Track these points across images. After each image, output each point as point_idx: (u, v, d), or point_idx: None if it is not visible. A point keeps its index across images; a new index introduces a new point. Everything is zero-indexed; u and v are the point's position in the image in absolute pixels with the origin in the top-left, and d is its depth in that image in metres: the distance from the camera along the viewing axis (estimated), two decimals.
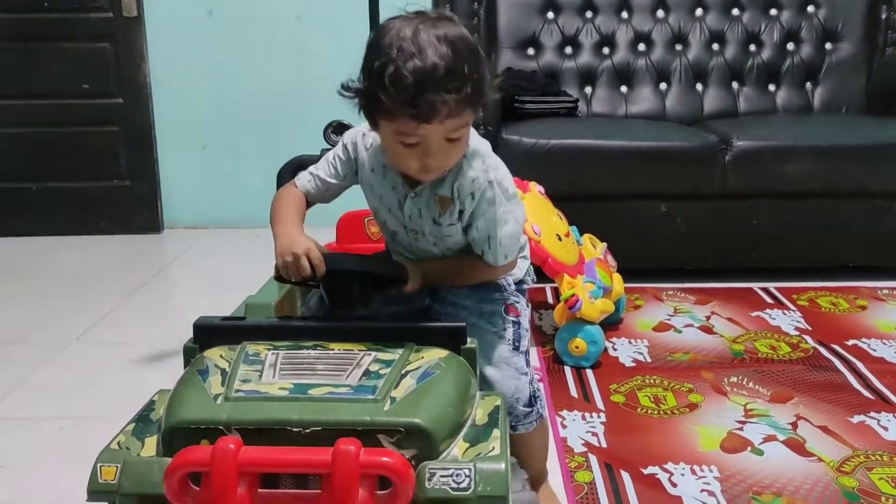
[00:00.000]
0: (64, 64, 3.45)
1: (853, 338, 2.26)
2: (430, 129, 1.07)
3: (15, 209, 3.56)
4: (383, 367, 0.97)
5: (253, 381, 0.94)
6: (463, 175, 1.18)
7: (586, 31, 3.30)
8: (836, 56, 3.29)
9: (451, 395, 0.95)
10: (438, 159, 1.11)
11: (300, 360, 0.99)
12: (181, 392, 0.96)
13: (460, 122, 1.09)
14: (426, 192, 1.20)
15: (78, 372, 2.13)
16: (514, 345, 1.28)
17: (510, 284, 1.31)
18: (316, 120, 2.24)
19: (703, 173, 2.67)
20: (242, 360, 0.99)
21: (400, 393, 0.92)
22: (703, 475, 1.56)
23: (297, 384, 0.93)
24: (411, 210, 1.22)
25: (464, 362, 1.04)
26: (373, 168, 1.25)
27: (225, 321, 1.11)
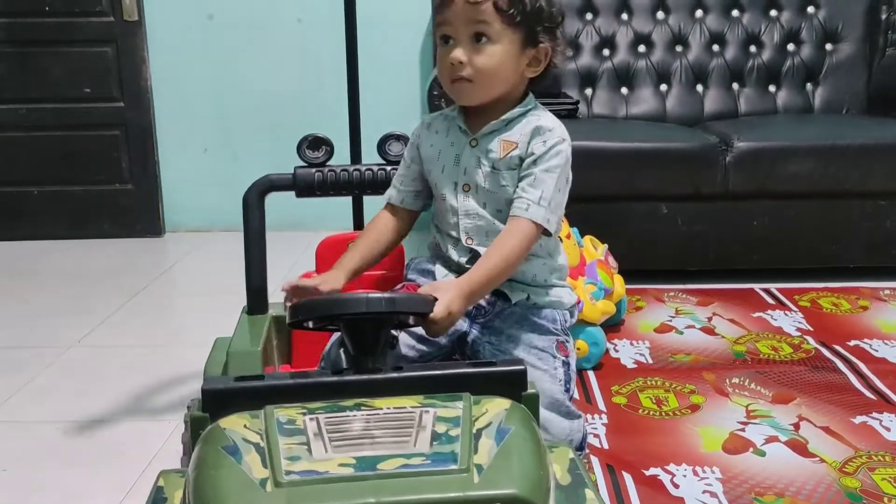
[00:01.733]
0: (65, 68, 3.46)
1: (855, 338, 2.25)
2: (453, 13, 1.17)
3: (17, 213, 3.56)
4: (451, 426, 0.83)
5: (303, 457, 0.78)
6: (539, 121, 1.23)
7: (586, 32, 3.31)
8: (836, 57, 3.29)
9: (536, 454, 0.83)
10: (462, 52, 1.18)
11: (349, 426, 0.83)
12: (214, 479, 0.77)
13: (481, 14, 1.16)
14: (489, 138, 1.24)
15: (79, 375, 2.13)
16: (565, 386, 1.22)
17: (566, 319, 1.28)
18: (317, 123, 2.25)
19: (704, 174, 2.67)
20: (278, 430, 0.83)
21: (483, 458, 0.79)
22: (706, 476, 1.56)
23: (360, 458, 0.78)
24: (469, 160, 1.25)
25: (528, 412, 0.91)
26: (437, 129, 1.31)
27: (240, 382, 0.93)
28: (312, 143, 1.56)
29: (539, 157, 1.22)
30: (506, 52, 1.19)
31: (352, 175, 1.56)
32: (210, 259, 3.30)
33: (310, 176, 1.55)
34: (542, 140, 1.22)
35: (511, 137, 1.23)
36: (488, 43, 1.18)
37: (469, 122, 1.27)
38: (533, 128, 1.23)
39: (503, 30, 1.17)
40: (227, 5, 3.49)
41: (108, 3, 3.43)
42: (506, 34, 1.18)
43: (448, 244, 1.30)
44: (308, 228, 3.29)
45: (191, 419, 0.92)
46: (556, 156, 1.23)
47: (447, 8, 1.18)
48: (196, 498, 0.76)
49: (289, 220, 3.09)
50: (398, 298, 1.00)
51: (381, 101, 2.97)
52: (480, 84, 1.20)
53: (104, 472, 1.64)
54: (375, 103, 2.59)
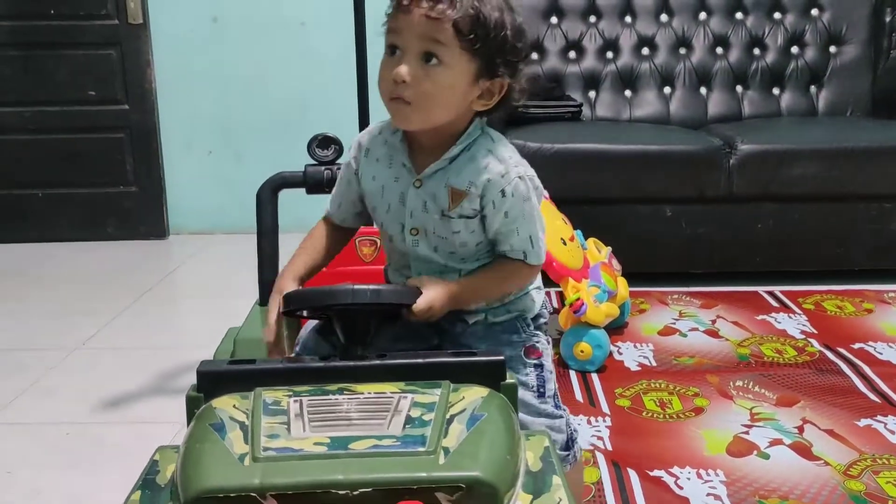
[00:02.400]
0: (70, 71, 3.47)
1: (859, 341, 2.25)
2: (406, 23, 1.03)
3: (22, 215, 3.58)
4: (425, 411, 0.86)
5: (282, 436, 0.82)
6: (489, 170, 1.10)
7: (590, 35, 3.31)
8: (840, 59, 3.29)
9: (505, 440, 0.85)
10: (409, 70, 1.04)
11: (329, 408, 0.87)
12: (198, 453, 0.82)
13: (437, 32, 1.03)
14: (434, 181, 1.11)
15: (84, 377, 2.14)
16: (538, 391, 1.19)
17: (528, 324, 1.21)
18: (321, 124, 2.25)
19: (708, 177, 2.67)
20: (263, 410, 0.87)
21: (452, 442, 0.82)
22: (709, 479, 1.56)
23: (335, 437, 0.82)
24: (415, 203, 1.12)
25: (506, 401, 0.93)
26: (377, 157, 1.17)
27: (233, 365, 0.98)
28: (322, 142, 1.61)
29: (509, 210, 1.10)
30: (456, 80, 1.06)
31: None
32: (214, 261, 3.30)
33: (319, 173, 1.61)
34: (500, 191, 1.10)
35: (459, 185, 1.10)
36: (438, 65, 1.04)
37: (412, 154, 1.14)
38: (486, 179, 1.10)
39: (458, 55, 1.04)
40: (231, 8, 3.50)
41: (113, 6, 3.44)
42: (460, 60, 1.05)
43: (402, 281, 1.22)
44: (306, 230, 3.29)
45: (187, 398, 0.97)
46: (525, 199, 1.12)
47: (401, 16, 1.05)
48: (181, 470, 0.81)
49: (296, 221, 3.08)
50: (383, 290, 1.04)
51: None
52: (419, 109, 1.06)
53: (108, 474, 1.65)
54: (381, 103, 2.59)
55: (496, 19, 1.05)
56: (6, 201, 3.56)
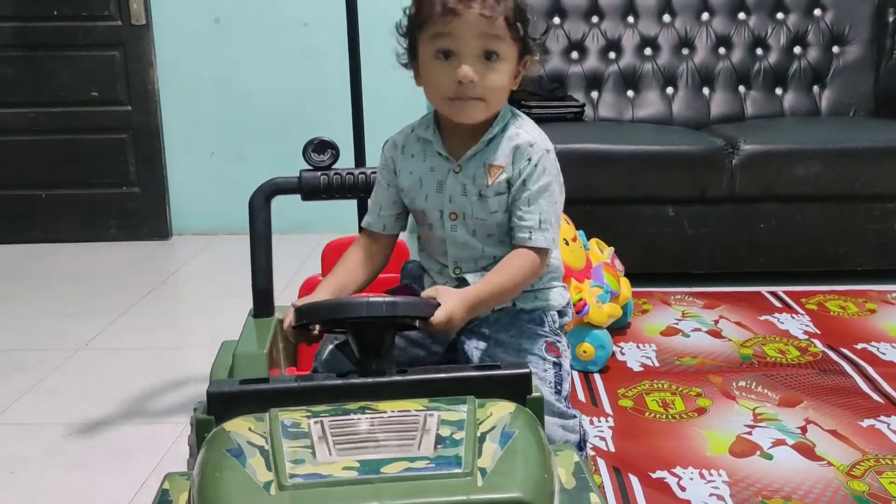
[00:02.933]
0: (73, 72, 3.48)
1: (862, 341, 2.25)
2: (462, 26, 1.08)
3: (24, 216, 3.58)
4: (455, 429, 0.83)
5: (307, 461, 0.78)
6: (518, 137, 1.16)
7: (592, 35, 3.30)
8: (843, 59, 3.28)
9: (540, 458, 0.82)
10: (473, 70, 1.10)
11: (353, 429, 0.83)
12: (218, 481, 0.77)
13: (494, 29, 1.09)
14: (473, 163, 1.17)
15: (87, 378, 2.14)
16: (555, 388, 1.19)
17: (554, 320, 1.23)
18: (324, 126, 2.24)
19: (711, 177, 2.67)
20: (282, 433, 0.83)
21: (487, 462, 0.79)
22: (712, 479, 1.56)
23: (364, 461, 0.78)
24: (454, 188, 1.18)
25: (533, 416, 0.91)
26: (412, 153, 1.22)
27: (245, 385, 0.93)
28: (318, 146, 1.55)
29: (528, 178, 1.15)
30: (511, 68, 1.14)
31: (357, 178, 1.56)
32: (217, 262, 3.31)
33: (315, 179, 1.55)
34: (527, 158, 1.16)
35: (497, 161, 1.16)
36: (498, 60, 1.12)
37: (448, 144, 1.19)
38: (514, 146, 1.16)
39: (510, 45, 1.12)
40: (234, 9, 3.50)
41: (116, 8, 3.44)
42: (511, 49, 1.13)
43: (433, 269, 1.25)
44: (313, 231, 3.29)
45: (196, 422, 0.92)
46: (545, 172, 1.16)
47: (453, 19, 1.08)
48: (200, 500, 0.76)
49: (294, 223, 3.09)
50: (400, 302, 1.00)
51: (385, 103, 2.97)
52: (489, 103, 1.14)
53: (111, 475, 1.65)
54: (380, 106, 2.59)
55: (525, 4, 1.14)
56: (9, 202, 3.56)
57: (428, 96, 1.17)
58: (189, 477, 0.85)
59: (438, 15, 1.09)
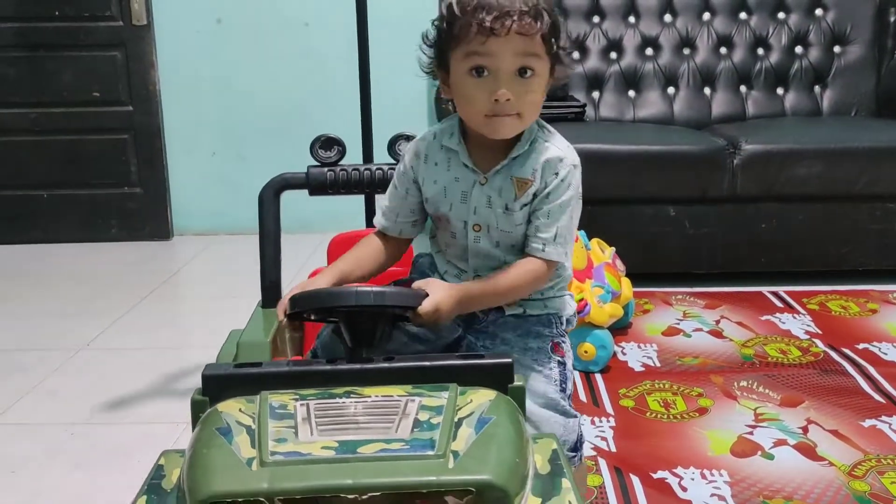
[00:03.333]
0: (74, 72, 3.48)
1: (864, 341, 2.24)
2: (500, 45, 1.06)
3: (26, 216, 3.58)
4: (433, 414, 0.86)
5: (289, 440, 0.82)
6: (548, 151, 1.15)
7: (593, 35, 3.30)
8: (844, 59, 3.28)
9: (514, 443, 0.85)
10: (510, 89, 1.08)
11: (336, 412, 0.87)
12: (205, 457, 0.81)
13: (532, 46, 1.08)
14: (500, 176, 1.15)
15: (88, 378, 2.14)
16: (560, 386, 1.19)
17: (560, 322, 1.24)
18: (326, 126, 2.25)
19: (712, 177, 2.66)
20: (269, 414, 0.87)
21: (461, 445, 0.81)
22: (714, 479, 1.56)
23: (343, 441, 0.81)
24: (479, 200, 1.17)
25: (513, 404, 0.93)
26: (436, 161, 1.20)
27: (239, 369, 0.97)
28: (325, 143, 1.58)
29: (553, 191, 1.15)
30: (544, 83, 1.13)
31: (363, 174, 1.59)
32: (218, 262, 3.31)
33: (322, 175, 1.58)
34: (555, 172, 1.15)
35: (525, 174, 1.15)
36: (533, 76, 1.10)
37: (474, 155, 1.18)
38: (545, 160, 1.15)
39: (545, 61, 1.11)
40: (235, 9, 3.50)
41: (117, 8, 3.44)
42: (545, 65, 1.11)
43: (451, 273, 1.25)
44: (317, 230, 3.29)
45: (192, 402, 0.95)
46: (569, 187, 1.16)
47: (490, 38, 1.06)
48: (188, 475, 0.80)
49: (298, 222, 3.09)
50: (387, 293, 1.03)
51: (390, 101, 2.97)
52: (525, 119, 1.13)
53: (111, 475, 1.65)
54: (384, 103, 2.59)
55: (556, 18, 1.12)
56: (11, 202, 3.56)
57: (461, 112, 1.16)
58: (182, 454, 0.88)
59: (474, 34, 1.07)
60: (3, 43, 3.45)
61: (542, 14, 1.08)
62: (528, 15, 1.07)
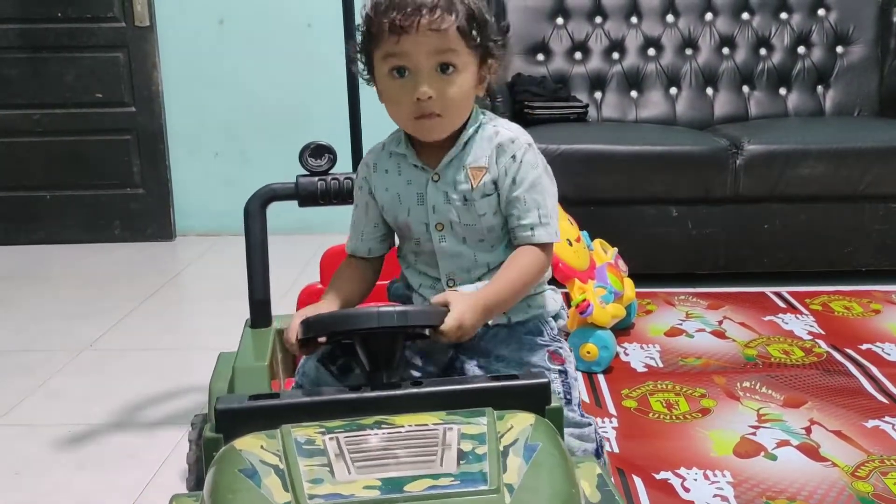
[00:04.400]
0: (77, 73, 3.48)
1: (867, 342, 2.24)
2: (413, 43, 1.04)
3: (29, 217, 3.59)
4: (476, 443, 0.81)
5: (326, 480, 0.75)
6: (498, 136, 1.13)
7: (596, 36, 3.30)
8: (847, 59, 3.28)
9: (565, 472, 0.80)
10: (431, 88, 1.06)
11: (371, 446, 0.81)
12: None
13: (447, 42, 1.05)
14: (452, 168, 1.13)
15: (91, 379, 2.14)
16: (565, 398, 1.14)
17: (553, 328, 1.19)
18: (327, 127, 2.24)
19: (714, 177, 2.66)
20: (297, 451, 0.80)
21: (513, 478, 0.76)
22: (717, 480, 1.56)
23: (386, 479, 0.75)
24: (435, 197, 1.14)
25: (553, 427, 0.88)
26: (386, 168, 1.18)
27: (255, 401, 0.90)
28: (315, 151, 1.51)
29: (516, 175, 1.12)
30: (470, 78, 1.10)
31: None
32: (221, 263, 3.31)
33: (312, 185, 1.51)
34: (511, 155, 1.12)
35: (479, 162, 1.13)
36: (455, 72, 1.07)
37: (420, 155, 1.16)
38: (495, 145, 1.13)
39: (467, 55, 1.08)
40: (238, 10, 3.50)
41: (120, 9, 3.45)
42: (469, 59, 1.08)
43: (425, 285, 1.19)
44: (314, 232, 3.30)
45: (204, 441, 0.90)
46: (533, 167, 1.13)
47: (402, 36, 1.04)
48: None
49: (294, 224, 3.09)
50: (410, 312, 0.98)
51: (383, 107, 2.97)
52: (450, 117, 1.10)
53: (115, 477, 1.65)
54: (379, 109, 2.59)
55: (481, 7, 1.09)
56: (14, 203, 3.57)
57: (391, 116, 1.14)
58: (197, 498, 0.82)
59: (387, 34, 1.05)
60: (5, 44, 3.46)
61: (455, 6, 1.05)
62: (439, 8, 1.04)
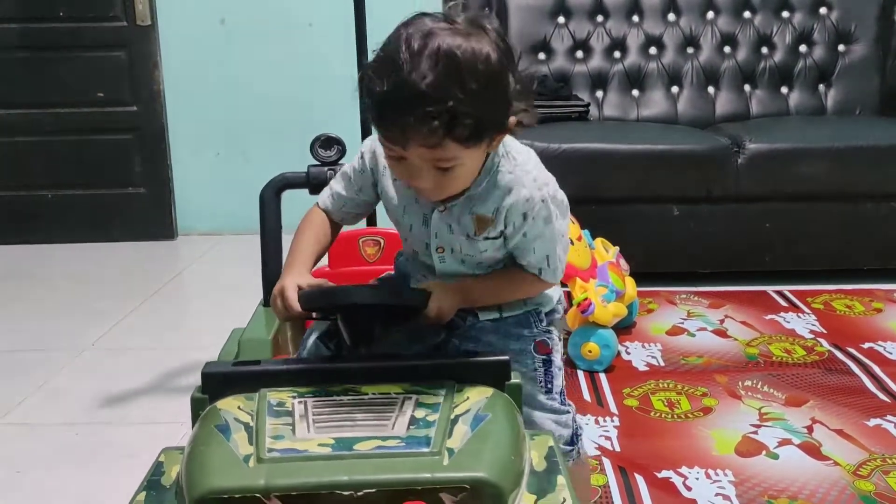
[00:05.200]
0: (78, 72, 3.49)
1: (869, 341, 2.24)
2: (409, 151, 0.97)
3: (30, 217, 3.59)
4: (430, 412, 0.87)
5: (286, 437, 0.83)
6: (512, 195, 1.06)
7: (597, 34, 3.30)
8: (848, 58, 3.27)
9: (510, 440, 0.85)
10: (427, 185, 1.01)
11: (334, 409, 0.88)
12: (203, 454, 0.82)
13: (445, 153, 0.96)
14: (458, 208, 1.09)
15: (93, 378, 2.15)
16: (545, 387, 1.18)
17: (542, 319, 1.20)
18: (329, 126, 2.24)
19: (716, 176, 2.66)
20: (267, 411, 0.87)
21: (456, 443, 0.82)
22: (718, 479, 1.56)
23: (339, 438, 0.82)
24: (439, 226, 1.11)
25: (510, 401, 0.94)
26: (395, 177, 1.13)
27: (238, 367, 0.98)
28: (325, 142, 1.59)
29: (528, 230, 1.08)
30: (469, 164, 1.01)
31: None
32: (222, 262, 3.31)
33: (322, 174, 1.58)
34: (522, 214, 1.07)
35: (485, 211, 1.07)
36: (456, 168, 0.99)
37: None
38: (509, 203, 1.06)
39: (468, 151, 0.98)
40: (239, 10, 3.50)
41: (121, 8, 3.45)
42: (472, 152, 0.99)
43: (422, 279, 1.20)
44: None
45: (191, 400, 0.98)
46: (546, 222, 1.09)
47: (398, 142, 0.96)
48: (186, 472, 0.82)
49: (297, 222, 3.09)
50: (392, 291, 1.06)
51: None
52: (447, 195, 1.06)
53: (116, 475, 1.65)
54: None
55: (490, 97, 0.95)
56: (16, 202, 3.58)
57: None
58: (183, 451, 0.89)
59: (383, 128, 0.97)
60: (7, 44, 3.46)
61: (457, 114, 0.92)
62: (433, 119, 0.91)
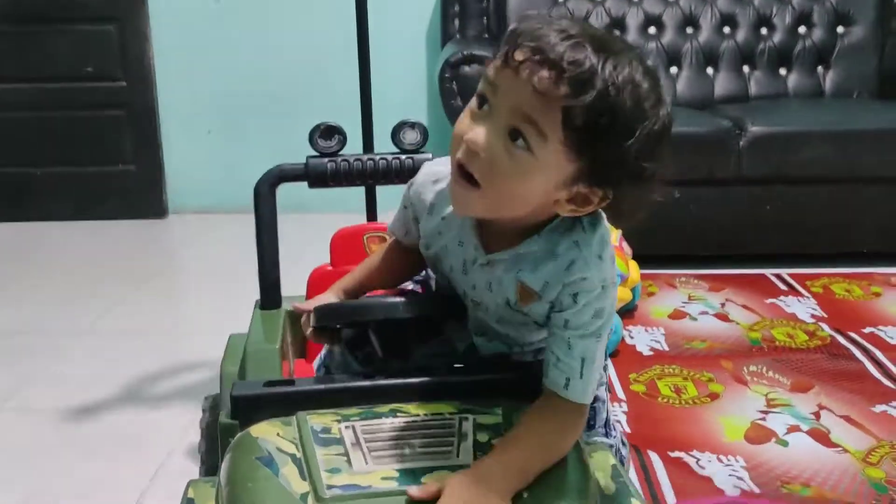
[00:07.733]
0: (67, 46, 3.40)
1: (869, 325, 2.24)
2: (507, 81, 0.80)
3: (19, 194, 3.52)
4: (492, 435, 0.80)
5: (343, 470, 0.75)
6: (571, 269, 0.89)
7: (596, 14, 3.27)
8: (847, 40, 3.26)
9: (581, 466, 0.80)
10: (487, 140, 0.82)
11: (387, 435, 0.80)
12: (252, 492, 0.74)
13: (538, 109, 0.79)
14: (503, 266, 0.93)
15: (93, 362, 2.11)
16: (588, 423, 1.01)
17: None
18: (323, 105, 2.21)
19: (717, 159, 2.65)
20: (314, 440, 0.79)
21: None
22: (731, 464, 1.56)
23: (403, 470, 0.75)
24: (479, 279, 0.96)
25: None
26: (443, 215, 0.99)
27: (272, 388, 0.89)
28: (325, 132, 1.47)
29: (573, 318, 0.90)
30: (542, 177, 0.83)
31: (365, 165, 1.49)
32: (216, 242, 3.27)
33: (322, 166, 1.48)
34: (572, 295, 0.89)
35: (533, 283, 0.91)
36: (525, 151, 0.81)
37: (480, 226, 0.95)
38: (564, 282, 0.90)
39: (555, 149, 0.80)
40: None
41: None
42: (556, 156, 0.81)
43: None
44: (316, 211, 3.25)
45: (220, 427, 0.90)
46: (597, 316, 0.90)
47: (505, 70, 0.81)
48: None
49: (296, 202, 3.05)
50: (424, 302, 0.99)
51: (390, 86, 2.92)
52: (486, 196, 0.84)
53: (118, 460, 1.63)
54: (384, 89, 2.55)
55: (628, 116, 0.81)
56: (3, 180, 3.50)
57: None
58: (213, 484, 0.82)
59: (500, 58, 0.82)
60: None
61: (585, 83, 0.77)
62: (564, 66, 0.77)
